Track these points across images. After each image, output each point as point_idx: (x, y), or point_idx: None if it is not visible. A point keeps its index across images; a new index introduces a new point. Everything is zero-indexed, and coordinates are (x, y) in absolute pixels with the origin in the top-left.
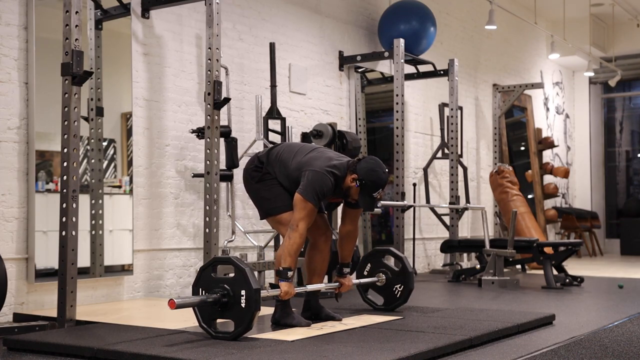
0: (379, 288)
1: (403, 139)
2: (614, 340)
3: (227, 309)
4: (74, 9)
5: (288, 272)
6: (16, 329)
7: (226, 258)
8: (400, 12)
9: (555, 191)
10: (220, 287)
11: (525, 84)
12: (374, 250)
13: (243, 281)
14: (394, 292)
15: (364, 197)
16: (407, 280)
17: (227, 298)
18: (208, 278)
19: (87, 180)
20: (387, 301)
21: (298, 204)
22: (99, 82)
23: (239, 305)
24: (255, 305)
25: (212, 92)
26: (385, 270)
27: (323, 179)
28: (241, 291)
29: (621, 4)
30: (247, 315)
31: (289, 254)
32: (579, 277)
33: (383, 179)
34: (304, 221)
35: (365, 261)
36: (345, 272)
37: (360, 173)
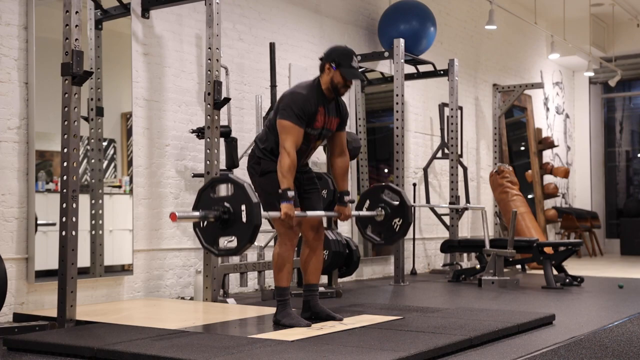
0: (378, 224)
1: (403, 139)
2: (614, 340)
3: (228, 226)
4: (74, 9)
5: (288, 193)
6: (16, 329)
7: (224, 177)
8: (400, 12)
9: (555, 191)
10: (221, 205)
11: (525, 84)
12: (372, 187)
13: (243, 196)
14: (393, 226)
15: (346, 71)
16: (405, 213)
17: (227, 214)
18: (207, 199)
19: (87, 180)
20: (386, 235)
21: (280, 128)
22: (99, 82)
23: (240, 220)
24: (257, 219)
25: (212, 92)
26: (384, 206)
27: (296, 95)
28: (241, 206)
29: (621, 4)
30: (249, 229)
31: (282, 175)
32: (579, 277)
33: (348, 48)
34: (288, 141)
35: (364, 198)
36: (345, 200)
37: (328, 59)
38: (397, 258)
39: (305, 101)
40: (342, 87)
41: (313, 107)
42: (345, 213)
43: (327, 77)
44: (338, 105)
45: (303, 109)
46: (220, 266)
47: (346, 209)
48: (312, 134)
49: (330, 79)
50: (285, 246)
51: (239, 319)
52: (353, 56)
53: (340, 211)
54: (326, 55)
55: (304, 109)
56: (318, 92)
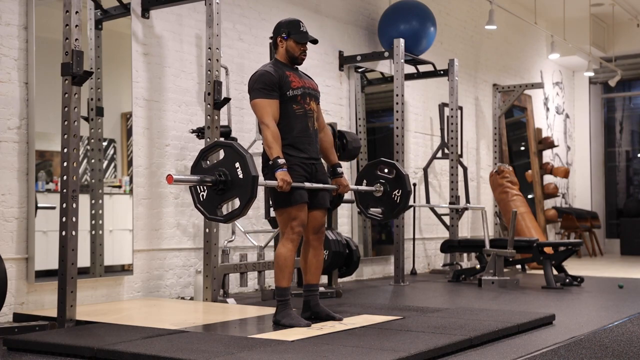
0: (379, 200)
1: (403, 139)
2: (614, 340)
3: (227, 189)
4: (74, 9)
5: (278, 161)
6: (16, 329)
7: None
8: (400, 12)
9: (555, 191)
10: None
11: (525, 84)
12: (366, 165)
13: (234, 155)
14: (394, 198)
15: (297, 36)
16: (403, 184)
17: (224, 176)
18: (200, 170)
19: (87, 180)
20: (388, 210)
21: (253, 108)
22: (99, 82)
23: (237, 178)
24: (252, 170)
25: (212, 92)
26: (382, 181)
27: (256, 74)
28: (235, 164)
29: (621, 4)
30: (247, 183)
31: (269, 145)
32: (579, 277)
33: (292, 18)
34: (264, 116)
35: (360, 177)
36: (339, 171)
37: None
38: (397, 258)
39: (263, 74)
40: (299, 54)
41: (276, 74)
42: (343, 184)
43: (282, 50)
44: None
45: (264, 81)
46: (220, 266)
47: (343, 180)
48: (297, 94)
49: (285, 51)
50: (287, 247)
51: (239, 319)
52: (300, 22)
53: (337, 183)
54: (274, 31)
55: (265, 81)
56: (278, 63)
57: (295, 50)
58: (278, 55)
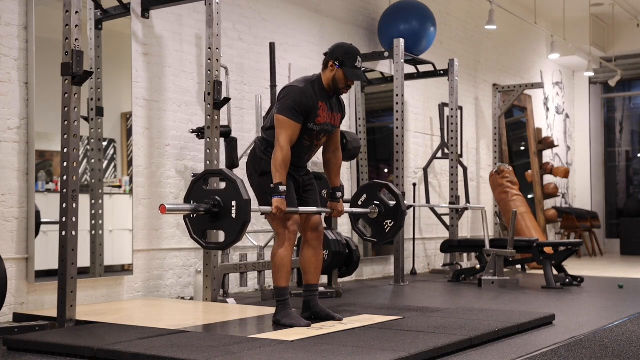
0: (370, 220)
1: (403, 139)
2: (614, 340)
3: (218, 220)
4: (74, 9)
5: (280, 187)
6: (16, 329)
7: (217, 170)
8: (400, 12)
9: (555, 191)
10: (212, 198)
11: (525, 84)
12: (372, 182)
13: (234, 192)
14: (384, 226)
15: (349, 71)
16: (398, 218)
17: (218, 208)
18: (199, 190)
19: (87, 180)
20: (375, 234)
21: (276, 123)
22: (99, 82)
23: (229, 215)
24: (246, 216)
25: (212, 92)
26: (380, 204)
27: (293, 89)
28: (232, 202)
29: (621, 4)
30: (237, 226)
31: (276, 169)
32: (579, 277)
33: (353, 47)
34: (282, 135)
35: (361, 191)
36: (337, 196)
37: (332, 57)
38: (397, 258)
39: (301, 94)
40: (343, 87)
41: (311, 101)
42: (338, 209)
43: (330, 75)
44: (339, 101)
45: (300, 102)
46: (220, 266)
47: (339, 205)
48: (315, 129)
49: (332, 77)
50: (283, 246)
51: (239, 319)
52: (357, 56)
53: (333, 207)
54: (331, 52)
55: (301, 103)
56: (318, 87)
57: (340, 82)
58: (323, 76)
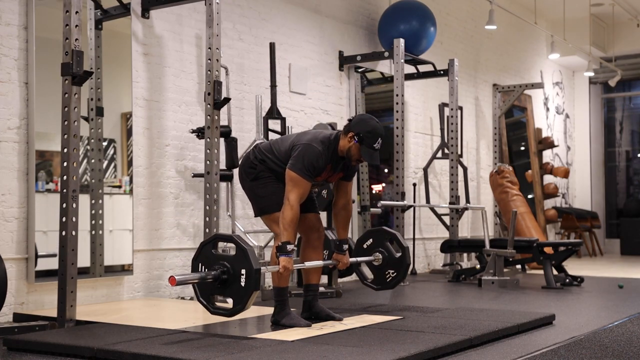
0: (373, 265)
1: (403, 139)
2: (614, 340)
3: (226, 286)
4: (74, 9)
5: (287, 246)
6: (16, 329)
7: (227, 235)
8: (400, 12)
9: (555, 191)
10: (220, 264)
11: (525, 84)
12: (381, 228)
13: (244, 259)
14: (386, 275)
15: (365, 151)
16: (401, 270)
17: (226, 275)
18: (208, 254)
19: (87, 180)
20: (377, 281)
21: (288, 179)
22: (99, 82)
23: (238, 283)
24: (255, 285)
25: (212, 92)
26: (384, 252)
27: (311, 149)
28: (241, 270)
29: (621, 4)
30: (246, 294)
31: (284, 227)
32: (579, 277)
33: (378, 127)
34: (293, 193)
35: (368, 235)
36: (344, 249)
37: (355, 129)
38: None
39: (318, 158)
40: (354, 161)
41: (324, 163)
42: (344, 261)
43: (346, 144)
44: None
45: (315, 165)
46: None
47: (344, 257)
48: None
49: (348, 148)
50: None
51: (239, 319)
52: (379, 138)
53: (338, 259)
54: (354, 123)
55: (315, 166)
56: (332, 151)
57: (354, 156)
58: (341, 141)
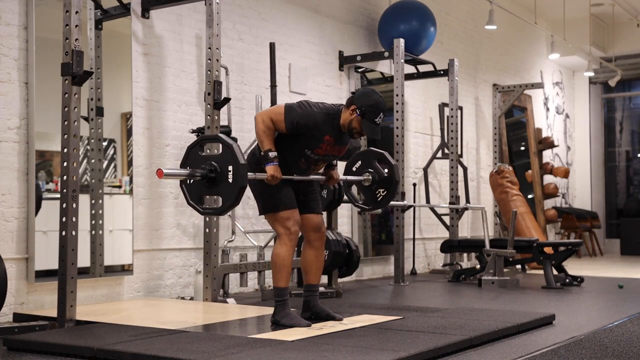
0: (363, 187)
1: (403, 139)
2: (614, 340)
3: (214, 185)
4: (74, 9)
5: (269, 154)
6: (16, 329)
7: (213, 136)
8: (400, 12)
9: (555, 191)
10: (208, 163)
11: (525, 84)
12: (368, 149)
13: (230, 157)
14: (377, 195)
15: (367, 125)
16: (392, 187)
17: (214, 174)
18: (196, 156)
19: (87, 180)
20: (368, 201)
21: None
22: (99, 82)
23: (226, 180)
24: (242, 180)
25: (212, 92)
26: (374, 172)
27: (306, 110)
28: (228, 167)
29: (621, 4)
30: (234, 190)
31: (259, 138)
32: (579, 277)
33: (381, 101)
34: (267, 113)
35: (356, 158)
36: (333, 163)
37: (357, 102)
38: (397, 258)
39: (310, 118)
40: (356, 134)
41: (317, 131)
42: (334, 176)
43: (348, 117)
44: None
45: (303, 122)
46: (220, 266)
47: (334, 172)
48: (313, 157)
49: (349, 121)
50: (284, 246)
51: (239, 319)
52: (381, 112)
53: (328, 174)
54: (357, 96)
55: (304, 124)
56: (332, 122)
57: (355, 129)
58: (343, 114)
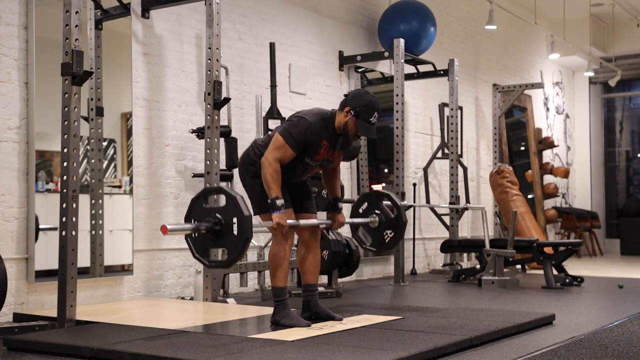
0: (370, 229)
1: (403, 139)
2: (614, 340)
3: (219, 237)
4: (74, 9)
5: (277, 202)
6: (16, 329)
7: (217, 188)
8: (400, 12)
9: (555, 191)
10: (212, 216)
11: (525, 84)
12: (374, 191)
13: (234, 209)
14: (384, 236)
15: (362, 125)
16: (399, 229)
17: (219, 226)
18: (200, 209)
19: (87, 180)
20: (375, 243)
21: (272, 140)
22: (99, 82)
23: (231, 232)
24: (247, 232)
25: (212, 92)
26: (380, 214)
27: (302, 121)
28: (233, 218)
29: (621, 4)
30: (240, 243)
31: (267, 184)
32: (579, 277)
33: (374, 101)
34: (272, 153)
35: (363, 199)
36: (338, 207)
37: (351, 103)
38: (397, 258)
39: (307, 129)
40: (352, 135)
41: (315, 137)
42: (339, 220)
43: (343, 119)
44: (346, 141)
45: (304, 137)
46: None
47: (340, 216)
48: (311, 164)
49: (344, 123)
50: (280, 246)
51: (239, 319)
52: (375, 112)
53: (334, 218)
54: (351, 97)
55: (305, 137)
56: (327, 126)
57: (350, 131)
58: (337, 117)
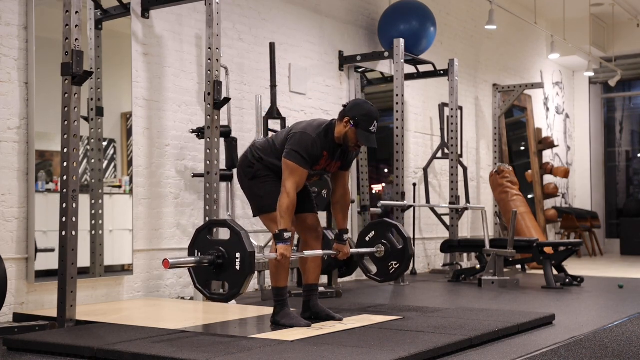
0: (375, 258)
1: (403, 139)
2: (614, 340)
3: (222, 271)
4: (74, 9)
5: (284, 234)
6: (16, 329)
7: (222, 221)
8: (400, 12)
9: (555, 191)
10: (216, 249)
11: (525, 84)
12: (382, 220)
13: (238, 244)
14: (389, 267)
15: (362, 134)
16: (404, 260)
17: (222, 260)
18: (204, 240)
19: (87, 180)
20: (380, 273)
21: (284, 167)
22: (99, 82)
23: (233, 267)
24: (250, 268)
25: (212, 92)
26: (387, 244)
27: (305, 137)
28: (236, 254)
29: (621, 4)
30: (241, 278)
31: (281, 215)
32: (579, 277)
33: (373, 110)
34: (290, 181)
35: (370, 228)
36: (344, 238)
37: (350, 114)
38: None
39: (312, 145)
40: (352, 146)
41: (318, 151)
42: (344, 251)
43: (342, 129)
44: (344, 152)
45: (310, 152)
46: None
47: (345, 247)
48: (310, 172)
49: (344, 133)
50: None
51: (239, 319)
52: (374, 121)
53: (339, 249)
54: (349, 108)
55: (310, 152)
56: (327, 138)
57: (351, 141)
58: (337, 127)
